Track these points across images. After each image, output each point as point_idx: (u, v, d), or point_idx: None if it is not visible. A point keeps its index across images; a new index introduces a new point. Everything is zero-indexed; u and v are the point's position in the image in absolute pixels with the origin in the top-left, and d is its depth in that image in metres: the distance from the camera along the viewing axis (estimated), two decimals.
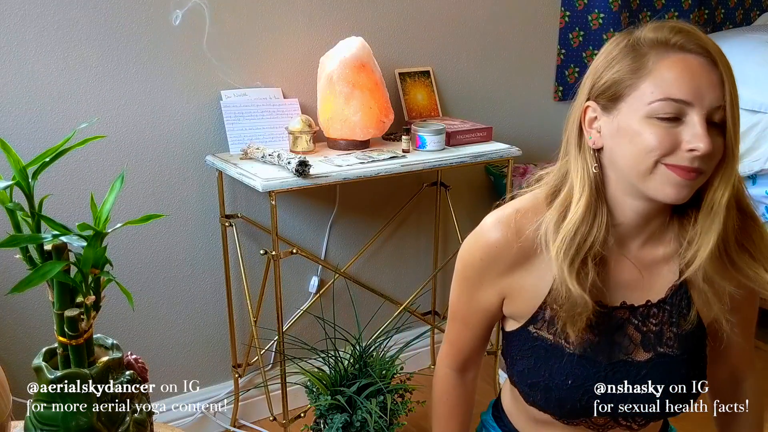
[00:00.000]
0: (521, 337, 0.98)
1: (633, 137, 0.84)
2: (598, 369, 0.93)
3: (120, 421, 0.75)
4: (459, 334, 1.08)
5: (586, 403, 0.94)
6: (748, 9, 3.05)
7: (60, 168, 1.69)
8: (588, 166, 0.89)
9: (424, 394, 2.06)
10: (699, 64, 0.82)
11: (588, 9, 2.45)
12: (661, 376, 0.93)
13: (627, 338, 0.94)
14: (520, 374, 0.99)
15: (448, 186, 2.24)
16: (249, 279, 1.98)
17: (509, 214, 0.95)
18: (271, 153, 1.71)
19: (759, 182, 2.28)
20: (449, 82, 2.23)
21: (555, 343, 0.94)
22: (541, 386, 0.95)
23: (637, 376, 0.93)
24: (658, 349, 0.94)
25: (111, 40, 1.68)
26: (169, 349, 1.97)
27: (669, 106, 0.81)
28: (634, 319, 0.94)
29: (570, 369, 0.93)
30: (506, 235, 0.94)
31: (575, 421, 0.98)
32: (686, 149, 0.81)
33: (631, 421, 0.97)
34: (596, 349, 0.94)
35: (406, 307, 2.27)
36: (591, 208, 0.88)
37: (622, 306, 0.94)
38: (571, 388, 0.93)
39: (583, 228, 0.88)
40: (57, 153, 0.71)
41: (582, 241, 0.88)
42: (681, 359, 0.94)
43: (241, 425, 2.10)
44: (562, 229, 0.88)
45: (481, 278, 0.99)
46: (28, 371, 0.75)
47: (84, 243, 0.69)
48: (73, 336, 0.71)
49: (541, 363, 0.95)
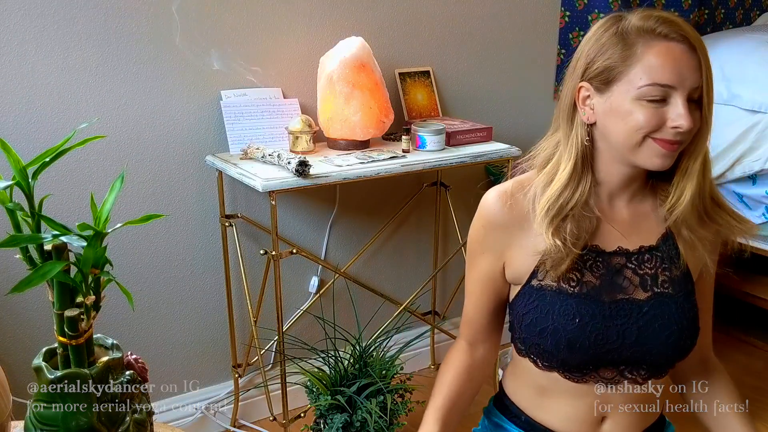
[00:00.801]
0: (525, 295, 1.06)
1: (624, 116, 0.96)
2: (602, 307, 1.02)
3: (120, 421, 0.75)
4: (467, 306, 1.17)
5: (594, 341, 1.01)
6: (748, 9, 3.05)
7: (60, 168, 1.69)
8: (578, 139, 1.01)
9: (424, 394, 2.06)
10: (681, 51, 0.93)
11: (588, 9, 2.45)
12: (662, 314, 1.02)
13: (626, 280, 1.04)
14: (528, 326, 1.05)
15: (448, 186, 2.24)
16: (249, 279, 1.98)
17: (507, 184, 1.08)
18: (271, 153, 1.71)
19: (759, 182, 2.28)
20: (449, 82, 2.23)
21: (559, 289, 1.03)
22: (550, 330, 1.03)
23: (639, 313, 1.02)
24: (655, 289, 1.04)
25: (111, 40, 1.68)
26: (169, 349, 1.97)
27: (656, 90, 0.93)
28: (630, 264, 1.04)
29: (576, 308, 1.01)
30: (503, 201, 1.06)
31: (584, 377, 1.05)
32: (671, 126, 0.94)
33: (636, 373, 1.04)
34: (598, 290, 1.03)
35: (406, 307, 2.27)
36: (576, 175, 1.01)
37: (618, 251, 1.04)
38: (579, 326, 1.01)
39: (567, 192, 1.00)
40: (57, 153, 0.71)
41: (564, 203, 1.00)
42: (677, 299, 1.04)
43: (241, 425, 2.10)
44: (547, 192, 1.01)
45: (482, 246, 1.09)
46: (28, 371, 0.75)
47: (84, 243, 0.69)
48: (73, 336, 0.71)
49: (548, 308, 1.03)
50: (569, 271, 1.02)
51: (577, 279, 1.03)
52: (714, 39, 2.50)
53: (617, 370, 1.04)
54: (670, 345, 1.02)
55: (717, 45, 2.41)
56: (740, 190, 2.34)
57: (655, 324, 1.02)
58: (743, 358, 2.52)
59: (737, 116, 2.25)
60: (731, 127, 2.26)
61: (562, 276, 1.02)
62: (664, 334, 1.02)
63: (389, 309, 2.27)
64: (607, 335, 1.01)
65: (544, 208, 1.00)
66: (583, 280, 1.03)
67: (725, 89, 2.27)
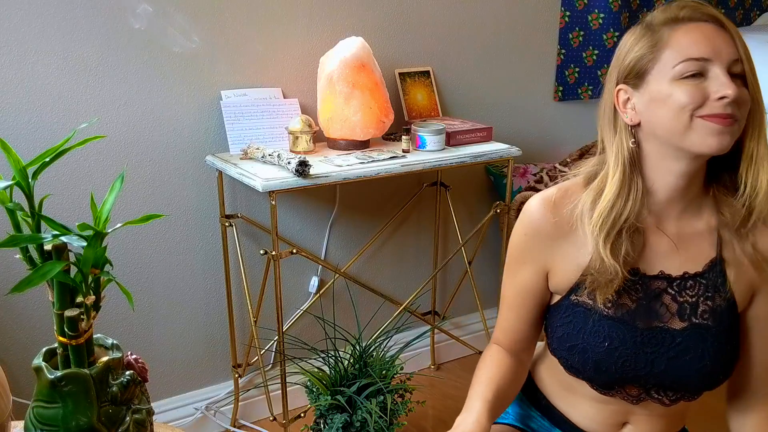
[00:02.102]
0: (563, 307, 1.03)
1: (666, 100, 0.91)
2: (634, 333, 0.98)
3: (120, 421, 0.75)
4: (504, 315, 1.11)
5: (621, 366, 0.98)
6: (748, 9, 3.05)
7: (60, 168, 1.69)
8: (623, 144, 0.96)
9: (424, 394, 2.07)
10: (710, 28, 0.90)
11: (588, 9, 2.45)
12: (695, 347, 0.97)
13: (663, 307, 0.99)
14: (559, 339, 1.03)
15: (448, 186, 2.24)
16: (249, 279, 1.98)
17: (551, 191, 1.03)
18: (271, 153, 1.71)
19: None
20: (449, 82, 2.23)
21: (593, 308, 0.99)
22: (579, 348, 1.00)
23: (672, 343, 0.97)
24: (693, 320, 0.98)
25: (111, 40, 1.68)
26: (169, 349, 1.97)
27: (691, 64, 0.89)
28: (671, 290, 0.99)
29: (607, 331, 0.98)
30: (547, 208, 1.01)
31: (610, 392, 1.02)
32: (716, 98, 0.88)
33: (663, 395, 1.01)
34: (633, 314, 0.98)
35: (406, 307, 2.27)
36: (626, 182, 0.96)
37: (660, 276, 0.99)
38: (608, 350, 0.98)
39: (619, 202, 0.95)
40: (57, 153, 0.71)
41: (618, 216, 0.95)
42: (715, 332, 0.97)
43: (241, 425, 2.10)
44: (599, 206, 0.96)
45: (524, 255, 1.05)
46: (28, 371, 0.75)
47: (84, 243, 0.69)
48: (73, 336, 0.71)
49: (580, 326, 1.00)
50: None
51: (613, 300, 0.98)
52: None
53: (644, 389, 1.01)
54: (702, 378, 0.98)
55: None
56: None
57: (686, 356, 0.97)
58: None
59: None
60: None
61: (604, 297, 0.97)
62: (695, 367, 0.97)
63: (389, 309, 2.27)
64: (636, 362, 0.98)
65: (597, 222, 0.95)
66: (620, 302, 0.98)
67: None
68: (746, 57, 0.90)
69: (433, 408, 2.16)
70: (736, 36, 0.91)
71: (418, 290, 2.31)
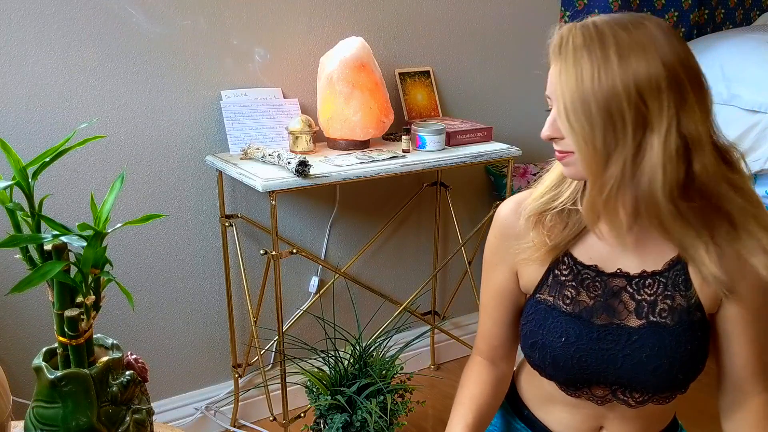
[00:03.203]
0: (529, 305, 1.06)
1: None
2: (590, 329, 0.99)
3: (120, 421, 0.75)
4: (482, 320, 1.14)
5: (578, 361, 0.99)
6: (748, 9, 3.05)
7: (60, 168, 1.69)
8: None
9: (424, 394, 2.07)
10: (558, 67, 0.89)
11: (588, 9, 2.45)
12: (651, 345, 0.97)
13: (621, 304, 0.99)
14: (524, 337, 1.05)
15: (448, 186, 2.24)
16: (249, 279, 1.98)
17: (520, 194, 1.08)
18: (271, 153, 1.71)
19: (759, 182, 2.28)
20: (449, 82, 2.23)
21: (553, 305, 1.02)
22: (539, 345, 1.02)
23: (628, 340, 0.98)
24: (650, 317, 0.98)
25: (111, 40, 1.68)
26: (169, 349, 1.97)
27: (547, 99, 0.94)
28: (630, 288, 0.99)
29: (564, 327, 1.00)
30: (514, 209, 1.06)
31: (576, 392, 1.03)
32: None
33: (629, 396, 1.01)
34: (591, 311, 1.00)
35: (406, 307, 2.27)
36: (561, 177, 1.01)
37: (618, 273, 1.00)
38: (564, 345, 0.99)
39: (553, 192, 1.01)
40: (57, 153, 0.71)
41: (550, 200, 1.01)
42: (673, 330, 0.96)
43: (241, 425, 2.10)
44: (539, 187, 1.03)
45: (496, 257, 1.08)
46: (28, 371, 0.75)
47: (84, 243, 0.69)
48: (73, 336, 0.71)
49: (541, 323, 1.02)
50: (565, 287, 1.01)
51: (572, 297, 1.00)
52: (714, 39, 2.50)
53: (609, 390, 1.01)
54: (658, 376, 0.97)
55: (717, 45, 2.41)
56: None
57: (642, 354, 0.96)
58: None
59: (737, 116, 2.25)
60: (731, 127, 2.26)
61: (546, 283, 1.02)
62: (651, 366, 0.96)
63: (389, 309, 2.27)
64: (592, 358, 0.99)
65: (535, 197, 1.02)
66: (578, 298, 1.00)
67: (725, 89, 2.27)
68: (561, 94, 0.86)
69: (433, 408, 2.16)
70: (564, 70, 0.87)
71: (418, 290, 2.31)
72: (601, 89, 0.84)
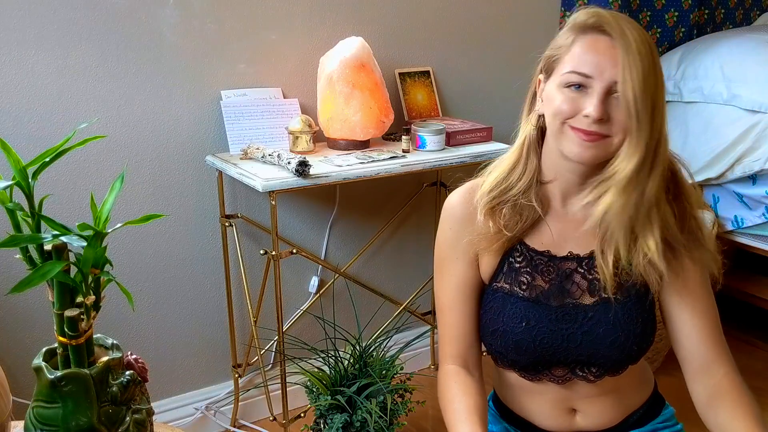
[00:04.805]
0: (487, 295, 1.08)
1: (550, 101, 0.99)
2: (549, 312, 1.03)
3: (120, 421, 0.75)
4: (448, 322, 1.11)
5: (539, 344, 1.02)
6: (748, 9, 3.05)
7: (60, 168, 1.69)
8: (528, 127, 1.05)
9: (424, 394, 2.06)
10: (606, 44, 0.94)
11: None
12: (606, 320, 1.02)
13: (575, 285, 1.04)
14: (484, 326, 1.08)
15: (448, 186, 2.24)
16: (249, 279, 1.98)
17: (468, 183, 1.11)
18: (271, 153, 1.71)
19: (759, 182, 2.28)
20: (449, 82, 2.23)
21: (510, 291, 1.05)
22: (500, 332, 1.05)
23: (584, 318, 1.03)
24: (602, 294, 1.03)
25: (111, 40, 1.68)
26: (169, 349, 1.97)
27: (574, 77, 0.95)
28: (581, 268, 1.05)
29: (523, 312, 1.03)
30: (463, 197, 1.08)
31: (537, 375, 1.06)
32: (583, 114, 0.94)
33: (587, 371, 1.05)
34: (547, 294, 1.04)
35: (406, 307, 2.27)
36: (520, 161, 1.04)
37: (569, 256, 1.05)
38: (525, 329, 1.02)
39: (510, 178, 1.03)
40: (57, 153, 0.71)
41: (507, 188, 1.03)
42: (624, 303, 1.02)
43: (241, 425, 2.10)
44: (492, 174, 1.06)
45: (453, 249, 1.09)
46: (28, 371, 0.75)
47: (84, 243, 0.69)
48: (73, 336, 0.71)
49: (499, 310, 1.05)
50: (520, 273, 1.04)
51: (527, 282, 1.04)
52: (714, 39, 2.50)
53: (569, 368, 1.05)
54: (615, 349, 1.02)
55: (717, 45, 2.41)
56: (740, 190, 2.34)
57: (599, 329, 1.02)
58: (743, 358, 2.51)
59: (737, 116, 2.25)
60: (731, 127, 2.26)
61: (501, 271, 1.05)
62: (608, 339, 1.01)
63: (389, 309, 2.27)
64: (553, 339, 1.02)
65: (486, 190, 1.04)
66: (534, 283, 1.04)
67: (725, 89, 2.27)
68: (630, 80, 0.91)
69: (433, 408, 2.16)
70: (626, 58, 0.92)
71: (418, 290, 2.31)
72: (656, 82, 0.94)
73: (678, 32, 2.80)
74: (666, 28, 2.72)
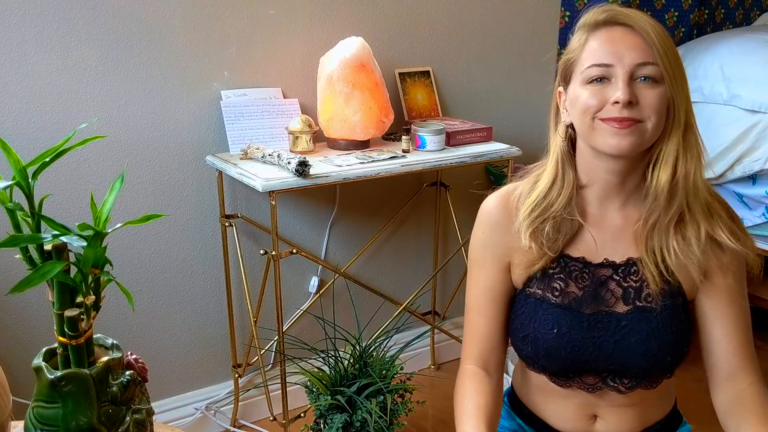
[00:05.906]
0: (518, 299, 1.07)
1: (576, 102, 0.98)
2: (581, 319, 1.02)
3: (120, 421, 0.75)
4: (473, 323, 1.11)
5: (570, 351, 1.01)
6: (748, 9, 3.06)
7: (60, 168, 1.69)
8: (558, 140, 1.04)
9: (424, 395, 2.07)
10: (620, 33, 0.95)
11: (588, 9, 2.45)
12: (640, 329, 1.00)
13: (609, 292, 1.03)
14: (514, 331, 1.07)
15: (448, 186, 2.24)
16: (249, 279, 1.98)
17: (503, 188, 1.10)
18: (271, 153, 1.71)
19: (759, 182, 2.29)
20: (449, 82, 2.23)
21: (542, 297, 1.04)
22: (531, 338, 1.04)
23: (617, 326, 1.01)
24: (637, 303, 1.02)
25: (111, 40, 1.68)
26: (169, 349, 1.97)
27: (595, 70, 0.95)
28: (616, 276, 1.03)
29: (555, 319, 1.02)
30: (499, 202, 1.08)
31: (567, 382, 1.05)
32: (611, 102, 0.94)
33: (618, 382, 1.03)
34: (580, 301, 1.02)
35: (406, 307, 2.27)
36: (558, 176, 1.03)
37: (605, 263, 1.04)
38: (557, 336, 1.01)
39: (551, 195, 1.02)
40: (57, 153, 0.71)
41: (549, 206, 1.02)
42: (658, 314, 1.00)
43: (241, 425, 2.10)
44: (533, 193, 1.04)
45: (486, 254, 1.08)
46: (28, 371, 0.75)
47: (84, 243, 0.69)
48: (73, 336, 0.71)
49: (531, 316, 1.04)
50: (554, 280, 1.03)
51: (560, 289, 1.03)
52: (714, 39, 2.50)
53: (600, 377, 1.04)
54: (647, 360, 1.00)
55: (717, 45, 2.41)
56: (740, 190, 2.34)
57: (631, 338, 1.00)
58: None
59: (737, 116, 2.25)
60: (731, 127, 2.26)
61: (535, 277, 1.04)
62: (640, 349, 1.00)
63: (389, 309, 2.27)
64: (584, 346, 1.01)
65: (528, 209, 1.02)
66: (567, 290, 1.03)
67: (725, 89, 2.27)
68: (663, 59, 0.93)
69: (433, 408, 2.16)
70: (651, 39, 0.94)
71: (418, 290, 2.31)
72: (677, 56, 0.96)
73: (678, 32, 2.80)
74: (666, 28, 2.73)
